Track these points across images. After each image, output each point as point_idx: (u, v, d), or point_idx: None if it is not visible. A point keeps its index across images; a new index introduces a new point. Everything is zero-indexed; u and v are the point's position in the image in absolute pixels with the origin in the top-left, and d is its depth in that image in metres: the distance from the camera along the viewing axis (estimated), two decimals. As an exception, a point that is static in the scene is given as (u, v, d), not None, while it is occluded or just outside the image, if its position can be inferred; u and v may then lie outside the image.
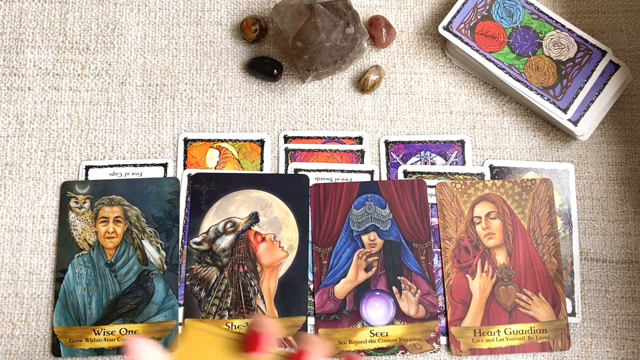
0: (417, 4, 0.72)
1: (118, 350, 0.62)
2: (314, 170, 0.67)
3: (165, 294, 0.63)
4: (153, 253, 0.64)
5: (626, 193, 0.67)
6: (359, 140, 0.68)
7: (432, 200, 0.66)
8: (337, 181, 0.67)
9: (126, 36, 0.70)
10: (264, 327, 0.38)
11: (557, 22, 0.68)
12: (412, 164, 0.67)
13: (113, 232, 0.65)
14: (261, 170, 0.67)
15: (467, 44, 0.67)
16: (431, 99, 0.69)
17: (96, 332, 0.62)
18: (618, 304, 0.65)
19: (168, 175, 0.67)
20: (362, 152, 0.68)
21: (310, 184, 0.66)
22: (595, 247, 0.66)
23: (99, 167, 0.67)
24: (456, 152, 0.68)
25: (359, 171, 0.67)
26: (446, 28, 0.67)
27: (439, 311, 0.64)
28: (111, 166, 0.67)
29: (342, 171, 0.67)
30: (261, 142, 0.68)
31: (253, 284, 0.64)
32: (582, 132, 0.65)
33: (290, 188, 0.66)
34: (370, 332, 0.63)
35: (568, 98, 0.65)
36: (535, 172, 0.67)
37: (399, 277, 0.64)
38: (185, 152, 0.67)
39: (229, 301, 0.63)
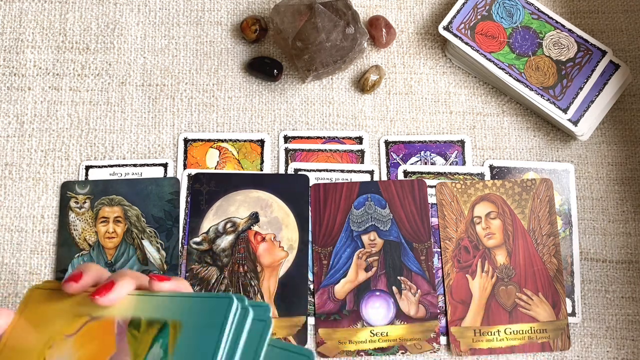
0: (417, 4, 0.72)
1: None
2: (314, 170, 0.67)
3: (165, 294, 0.63)
4: (153, 253, 0.64)
5: (626, 193, 0.67)
6: (359, 140, 0.68)
7: (432, 200, 0.66)
8: (337, 181, 0.67)
9: (126, 36, 0.70)
10: (87, 270, 0.38)
11: (557, 22, 0.68)
12: (412, 164, 0.67)
13: (113, 232, 0.65)
14: (261, 170, 0.67)
15: (467, 44, 0.67)
16: (431, 99, 0.69)
17: (96, 332, 0.62)
18: (618, 304, 0.65)
19: (168, 175, 0.67)
20: (362, 152, 0.68)
21: (310, 184, 0.66)
22: (595, 247, 0.66)
23: (99, 167, 0.67)
24: (456, 152, 0.68)
25: (359, 171, 0.67)
26: (446, 28, 0.67)
27: (439, 311, 0.64)
28: (111, 166, 0.67)
29: (342, 171, 0.67)
30: (261, 142, 0.68)
31: (253, 284, 0.64)
32: (582, 132, 0.65)
33: (290, 188, 0.66)
34: (370, 332, 0.63)
35: (568, 98, 0.65)
36: (535, 172, 0.67)
37: (399, 277, 0.64)
38: (185, 152, 0.67)
39: (229, 301, 0.63)
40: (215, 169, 0.67)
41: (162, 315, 0.34)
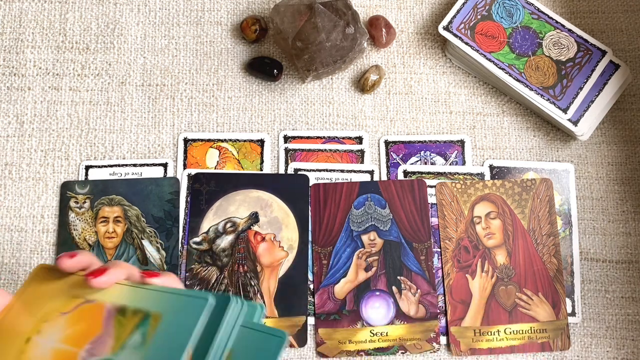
0: (417, 4, 0.72)
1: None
2: (314, 170, 0.67)
3: (165, 294, 0.63)
4: (153, 253, 0.64)
5: (626, 193, 0.67)
6: (359, 140, 0.68)
7: (432, 200, 0.66)
8: (337, 181, 0.67)
9: (126, 36, 0.70)
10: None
11: (557, 22, 0.68)
12: (412, 164, 0.67)
13: (113, 232, 0.65)
14: (261, 170, 0.67)
15: (467, 44, 0.67)
16: (431, 99, 0.69)
17: (96, 332, 0.62)
18: (618, 304, 0.65)
19: (168, 175, 0.67)
20: (362, 152, 0.68)
21: (310, 184, 0.66)
22: (595, 247, 0.66)
23: (99, 167, 0.67)
24: (456, 152, 0.68)
25: (359, 171, 0.67)
26: (446, 28, 0.67)
27: (439, 311, 0.64)
28: (111, 166, 0.67)
29: (342, 171, 0.67)
30: (261, 142, 0.68)
31: (253, 283, 0.64)
32: (582, 132, 0.65)
33: (290, 188, 0.66)
34: (370, 332, 0.63)
35: (568, 98, 0.65)
36: (535, 172, 0.67)
37: (399, 277, 0.64)
38: (185, 152, 0.67)
39: (229, 301, 0.63)
40: (215, 168, 0.67)
41: (146, 306, 0.37)
